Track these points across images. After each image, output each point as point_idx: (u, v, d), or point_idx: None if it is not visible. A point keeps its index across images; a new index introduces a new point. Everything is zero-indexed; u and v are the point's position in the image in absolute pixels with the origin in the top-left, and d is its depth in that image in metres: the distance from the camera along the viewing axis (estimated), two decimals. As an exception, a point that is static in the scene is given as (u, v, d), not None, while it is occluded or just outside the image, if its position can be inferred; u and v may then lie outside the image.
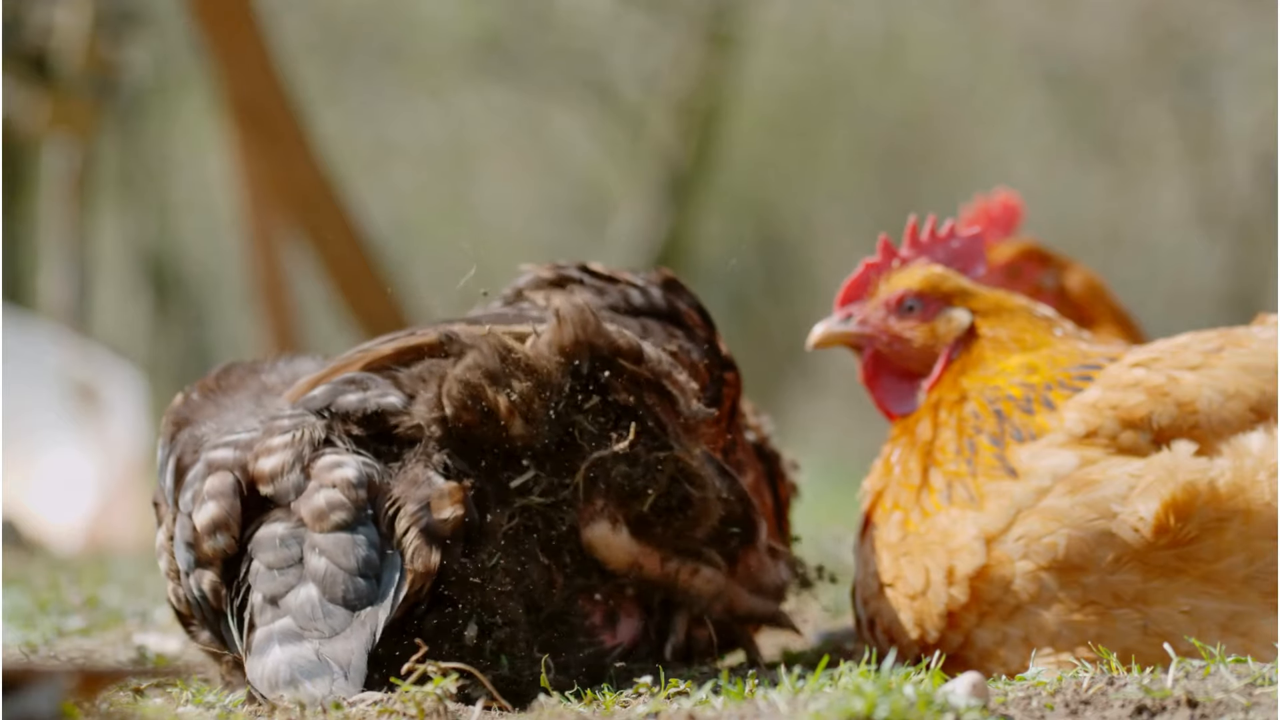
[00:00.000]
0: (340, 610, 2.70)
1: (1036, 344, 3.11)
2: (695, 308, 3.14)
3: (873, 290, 3.21)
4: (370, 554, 2.74)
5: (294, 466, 2.81)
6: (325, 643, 2.68)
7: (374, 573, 2.73)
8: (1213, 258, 14.79)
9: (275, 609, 2.73)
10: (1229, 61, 13.96)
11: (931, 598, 2.95)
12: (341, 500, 2.77)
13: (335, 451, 2.83)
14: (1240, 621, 2.83)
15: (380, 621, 2.68)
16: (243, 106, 7.03)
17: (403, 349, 2.94)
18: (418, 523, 2.77)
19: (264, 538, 2.79)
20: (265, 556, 2.77)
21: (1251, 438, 2.88)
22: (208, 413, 3.03)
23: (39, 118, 8.62)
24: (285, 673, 2.66)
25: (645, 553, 2.91)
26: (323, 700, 2.61)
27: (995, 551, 2.92)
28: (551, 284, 3.14)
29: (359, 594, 2.71)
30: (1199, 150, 14.59)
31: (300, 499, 2.80)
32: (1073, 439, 2.93)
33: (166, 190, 16.39)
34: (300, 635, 2.69)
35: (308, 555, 2.75)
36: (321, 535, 2.76)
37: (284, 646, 2.69)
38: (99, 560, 6.30)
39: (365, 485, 2.79)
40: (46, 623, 4.03)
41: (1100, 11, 14.33)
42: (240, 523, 2.82)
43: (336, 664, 2.66)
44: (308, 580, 2.73)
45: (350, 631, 2.69)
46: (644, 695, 2.68)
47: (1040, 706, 2.52)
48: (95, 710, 2.18)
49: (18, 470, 7.94)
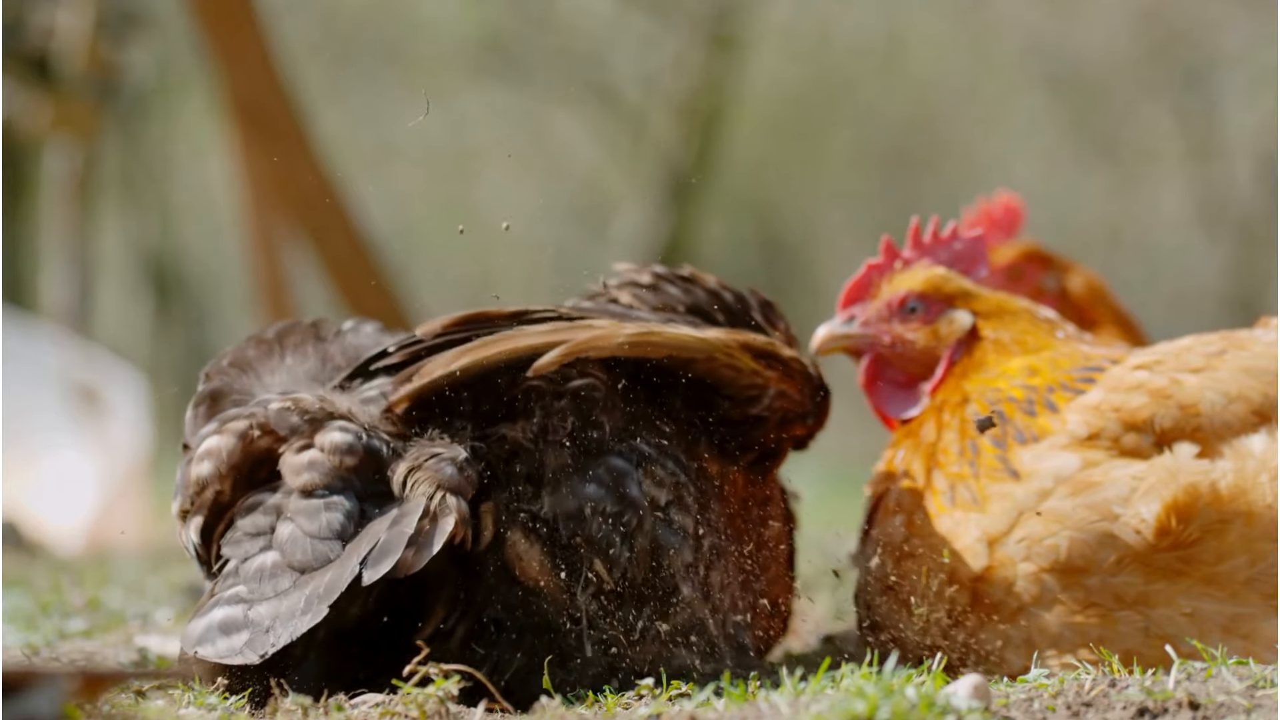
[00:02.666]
0: (289, 574, 2.67)
1: (1038, 346, 3.11)
2: (788, 331, 3.15)
3: (875, 292, 3.21)
4: (339, 519, 2.70)
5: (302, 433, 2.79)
6: (263, 604, 2.64)
7: (341, 538, 2.68)
8: (1214, 259, 14.79)
9: (235, 576, 2.71)
10: (1230, 63, 13.96)
11: (934, 600, 2.95)
12: (321, 461, 2.74)
13: (347, 428, 2.79)
14: (1242, 624, 2.82)
15: (327, 584, 2.62)
16: (244, 107, 7.03)
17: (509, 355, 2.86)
18: (438, 474, 2.73)
19: (251, 504, 2.78)
20: (242, 521, 2.76)
21: (1253, 440, 2.88)
22: (258, 369, 3.01)
23: (40, 119, 8.62)
24: (200, 630, 2.65)
25: (552, 578, 2.80)
26: (240, 648, 2.60)
27: (998, 553, 2.92)
28: (642, 286, 3.13)
29: (317, 557, 2.67)
30: (1200, 152, 14.59)
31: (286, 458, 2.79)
32: (1075, 441, 2.93)
33: (168, 191, 16.40)
34: (243, 600, 2.66)
35: (279, 523, 2.73)
36: (296, 499, 2.73)
37: (223, 608, 2.66)
38: (100, 562, 6.30)
39: (355, 454, 2.75)
40: (48, 624, 4.03)
41: (1101, 13, 14.33)
42: (235, 481, 2.80)
43: (260, 624, 2.62)
44: (272, 548, 2.71)
45: (289, 592, 2.65)
46: (645, 697, 2.67)
47: (1042, 708, 2.52)
48: (97, 712, 2.18)
49: (19, 472, 7.94)
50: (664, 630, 2.81)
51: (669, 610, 2.81)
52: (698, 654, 2.83)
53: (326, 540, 2.69)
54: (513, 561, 2.77)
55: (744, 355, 2.92)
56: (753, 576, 3.00)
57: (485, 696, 2.68)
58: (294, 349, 3.05)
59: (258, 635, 2.62)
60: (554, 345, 2.80)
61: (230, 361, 3.04)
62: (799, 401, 3.01)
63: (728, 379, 2.92)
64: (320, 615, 2.61)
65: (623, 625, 2.79)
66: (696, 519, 2.87)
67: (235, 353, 3.06)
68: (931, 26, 15.39)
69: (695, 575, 2.85)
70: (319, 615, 2.61)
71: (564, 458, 2.81)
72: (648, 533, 2.80)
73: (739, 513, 3.01)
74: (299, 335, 3.07)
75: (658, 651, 2.81)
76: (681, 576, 2.83)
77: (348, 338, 3.07)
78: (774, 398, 2.97)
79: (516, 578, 2.77)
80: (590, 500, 2.79)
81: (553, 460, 2.81)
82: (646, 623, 2.80)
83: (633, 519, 2.79)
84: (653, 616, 2.80)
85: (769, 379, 2.95)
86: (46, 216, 9.90)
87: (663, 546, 2.81)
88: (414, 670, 2.62)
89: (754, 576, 3.01)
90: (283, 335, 3.07)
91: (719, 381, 2.93)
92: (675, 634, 2.82)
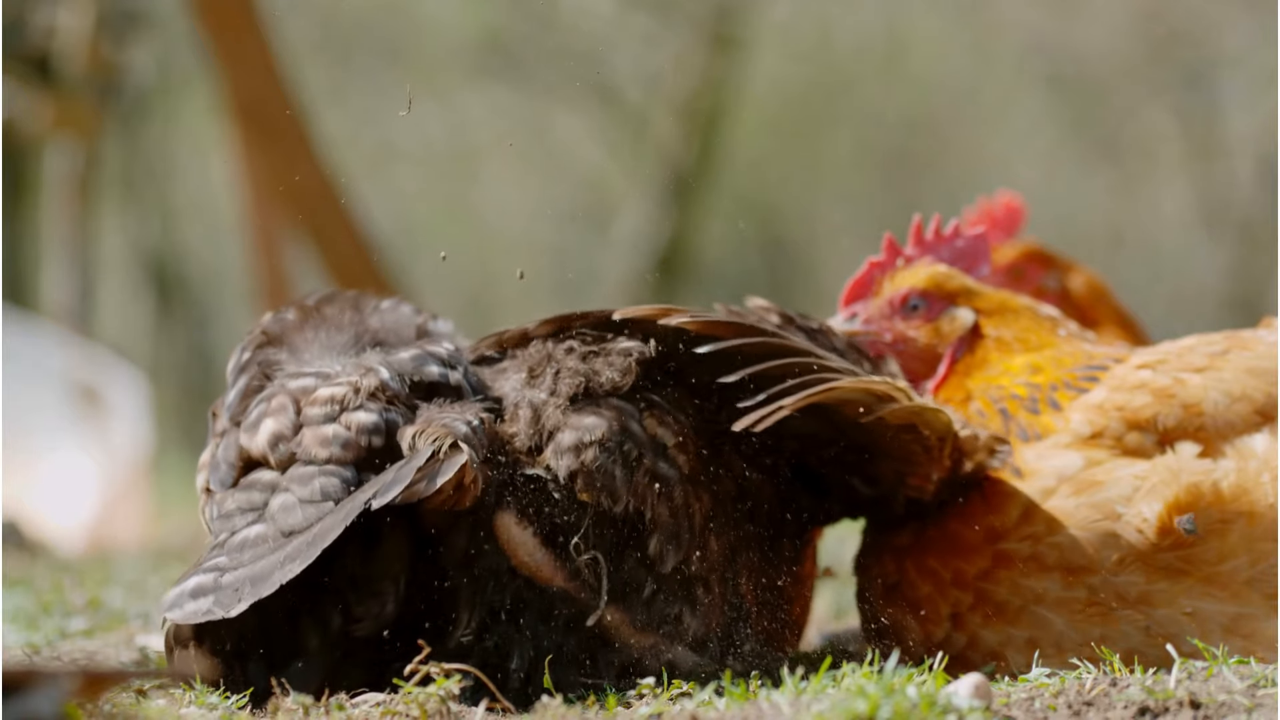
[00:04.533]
0: (275, 540, 2.65)
1: (1040, 344, 3.11)
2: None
3: (877, 289, 3.21)
4: (336, 484, 2.69)
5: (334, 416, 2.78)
6: (239, 570, 2.62)
7: (332, 498, 2.67)
8: (1215, 260, 14.77)
9: (220, 549, 2.70)
10: (1232, 63, 13.96)
11: (938, 599, 2.95)
12: (342, 435, 2.74)
13: (372, 408, 2.78)
14: (1243, 623, 2.82)
15: (318, 532, 2.59)
16: (245, 107, 7.03)
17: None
18: (448, 428, 2.71)
19: (249, 480, 2.77)
20: (238, 496, 2.76)
21: (1256, 439, 2.88)
22: (297, 338, 3.01)
23: (42, 119, 8.63)
24: (173, 596, 2.64)
25: (549, 564, 2.80)
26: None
27: (1002, 551, 2.91)
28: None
29: (307, 519, 2.66)
30: (1202, 152, 14.58)
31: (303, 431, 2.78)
32: (1078, 440, 2.93)
33: (169, 191, 16.39)
34: (220, 568, 2.64)
35: (274, 496, 2.72)
36: (293, 470, 2.73)
37: (198, 576, 2.65)
38: (102, 561, 6.30)
39: (380, 433, 2.74)
40: (49, 624, 4.03)
41: (1103, 13, 14.33)
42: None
43: (230, 587, 2.60)
44: (261, 521, 2.70)
45: (266, 554, 2.63)
46: (647, 696, 2.67)
47: (1043, 708, 2.52)
48: (98, 712, 2.18)
49: (20, 472, 7.94)
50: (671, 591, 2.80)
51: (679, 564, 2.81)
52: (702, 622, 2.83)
53: (318, 503, 2.67)
54: (507, 549, 2.76)
55: (948, 444, 2.88)
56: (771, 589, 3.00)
57: (486, 695, 2.68)
58: (332, 320, 3.04)
59: (225, 595, 2.59)
60: (887, 397, 2.77)
61: (264, 332, 3.04)
62: (935, 492, 2.96)
63: (914, 454, 2.89)
64: (306, 562, 2.56)
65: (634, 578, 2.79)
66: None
67: (271, 323, 3.06)
68: (932, 26, 15.38)
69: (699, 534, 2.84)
70: (306, 561, 2.56)
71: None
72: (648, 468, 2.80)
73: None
74: (339, 306, 3.08)
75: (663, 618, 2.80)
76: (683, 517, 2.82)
77: (385, 315, 3.07)
78: (929, 480, 2.93)
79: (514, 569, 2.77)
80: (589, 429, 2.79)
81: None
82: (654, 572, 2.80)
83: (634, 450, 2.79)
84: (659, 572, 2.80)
85: (944, 468, 2.92)
86: (47, 216, 9.91)
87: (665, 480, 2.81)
88: (415, 669, 2.62)
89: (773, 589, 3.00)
90: (323, 304, 3.08)
91: (903, 454, 2.89)
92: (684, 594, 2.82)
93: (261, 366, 2.96)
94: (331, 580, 2.70)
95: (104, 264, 14.46)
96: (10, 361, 8.12)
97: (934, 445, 2.87)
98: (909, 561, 2.99)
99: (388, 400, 2.80)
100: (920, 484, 2.93)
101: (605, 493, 2.76)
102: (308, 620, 2.73)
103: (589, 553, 2.77)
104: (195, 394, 15.62)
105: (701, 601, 2.85)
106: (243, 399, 2.91)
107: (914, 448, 2.87)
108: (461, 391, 2.86)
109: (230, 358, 3.04)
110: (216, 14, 6.92)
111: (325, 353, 2.97)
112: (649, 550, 2.80)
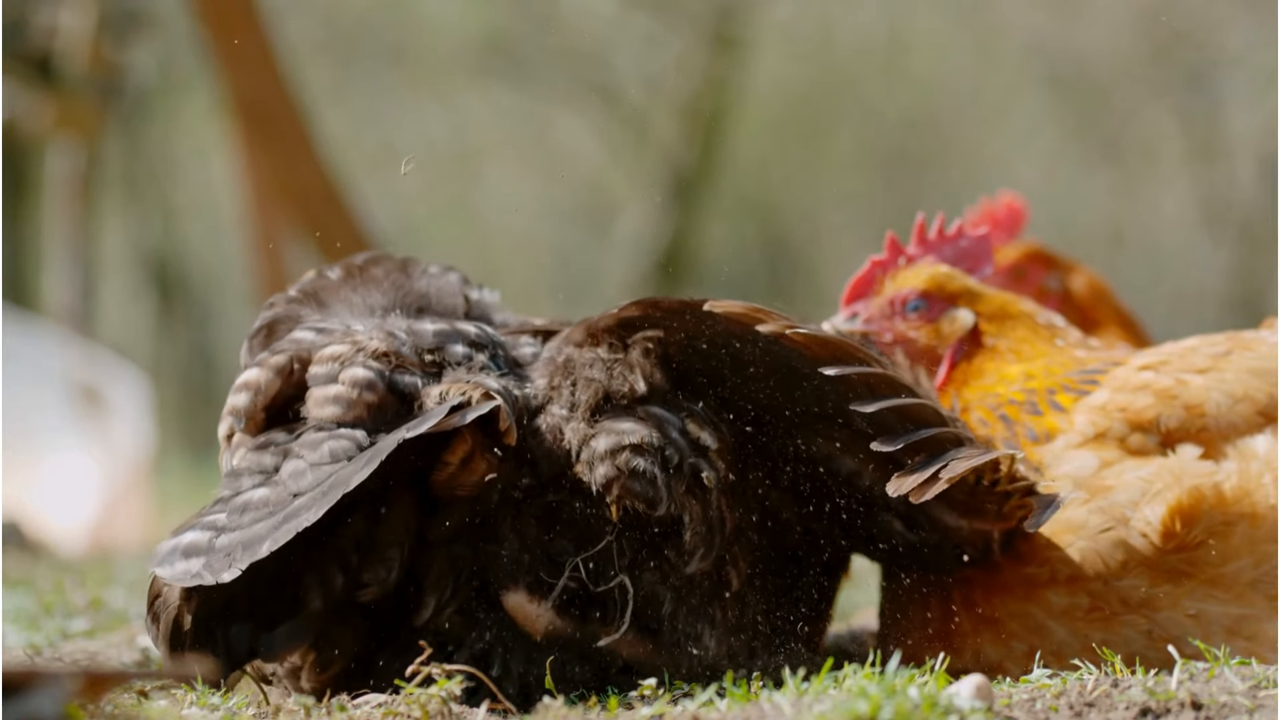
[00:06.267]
0: (279, 503, 2.61)
1: (1034, 355, 3.10)
2: None
3: (879, 288, 3.21)
4: (343, 445, 2.67)
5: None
6: (235, 533, 2.59)
7: (341, 459, 2.64)
8: (1217, 260, 14.77)
9: (222, 504, 2.68)
10: (1233, 64, 13.96)
11: (969, 631, 2.93)
12: (344, 395, 2.72)
13: (370, 365, 2.75)
14: (1246, 625, 2.82)
15: (319, 499, 2.55)
16: (247, 107, 7.03)
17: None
18: (480, 384, 2.69)
19: (263, 441, 2.75)
20: (250, 456, 2.74)
21: (1258, 440, 2.87)
22: (334, 297, 2.99)
23: (43, 119, 8.63)
24: (165, 550, 2.60)
25: (571, 625, 2.76)
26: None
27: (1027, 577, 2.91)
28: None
29: (316, 481, 2.62)
30: (1203, 153, 14.58)
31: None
32: (1085, 440, 2.92)
33: (170, 191, 16.40)
34: (217, 528, 2.61)
35: (285, 461, 2.69)
36: (305, 435, 2.70)
37: (193, 533, 2.61)
38: (103, 562, 6.30)
39: (375, 390, 2.71)
40: (51, 625, 4.03)
41: (1104, 14, 14.32)
42: (271, 414, 2.78)
43: (223, 550, 2.56)
44: (266, 485, 2.67)
45: (265, 518, 2.60)
46: (648, 697, 2.67)
47: (1044, 709, 2.51)
48: (99, 712, 2.18)
49: (22, 472, 7.94)
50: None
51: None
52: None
53: (326, 465, 2.64)
54: (524, 626, 2.74)
55: (1013, 504, 2.83)
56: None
57: (488, 696, 2.68)
58: (375, 282, 3.01)
59: (216, 558, 2.56)
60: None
61: (300, 289, 3.02)
62: (981, 545, 2.91)
63: (974, 506, 2.83)
64: (321, 510, 2.52)
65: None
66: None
67: (311, 280, 3.04)
68: (934, 27, 15.38)
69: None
70: (314, 517, 2.53)
71: None
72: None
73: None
74: (385, 268, 3.04)
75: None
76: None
77: (432, 280, 3.04)
78: (981, 535, 2.88)
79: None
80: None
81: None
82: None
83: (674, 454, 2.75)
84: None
85: (990, 532, 2.87)
86: (49, 216, 9.91)
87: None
88: (417, 670, 2.62)
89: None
90: (370, 264, 3.05)
91: (962, 504, 2.84)
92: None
93: (280, 320, 2.94)
94: (339, 542, 2.67)
95: (105, 264, 14.47)
96: (11, 362, 8.12)
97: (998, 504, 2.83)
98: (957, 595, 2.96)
99: (397, 364, 2.76)
100: (979, 539, 2.87)
101: (644, 499, 2.72)
102: (311, 579, 2.68)
103: (617, 578, 2.75)
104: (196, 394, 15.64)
105: (719, 622, 2.83)
106: (251, 352, 2.90)
107: (989, 506, 2.82)
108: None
109: (260, 311, 3.02)
110: (218, 14, 6.92)
111: (357, 313, 2.94)
112: (680, 552, 2.76)
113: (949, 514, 2.83)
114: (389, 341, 2.78)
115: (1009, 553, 2.89)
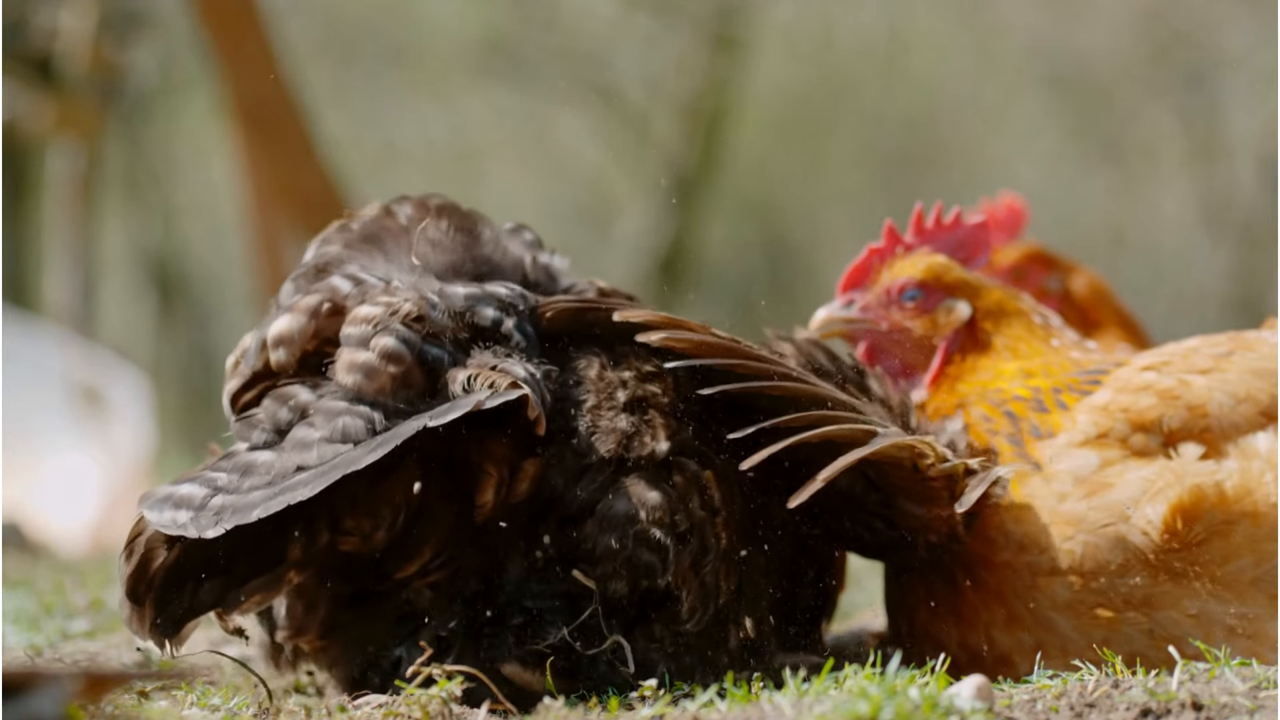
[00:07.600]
0: (280, 475, 2.60)
1: (1030, 353, 3.10)
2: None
3: (875, 277, 3.20)
4: (357, 425, 2.65)
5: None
6: (235, 495, 2.58)
7: (351, 440, 2.63)
8: (1217, 261, 14.77)
9: (229, 460, 2.67)
10: (1233, 64, 13.95)
11: (979, 609, 2.94)
12: (371, 365, 2.69)
13: (404, 334, 2.72)
14: (1247, 624, 2.82)
15: (318, 476, 2.54)
16: (247, 108, 7.03)
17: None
18: (508, 371, 2.67)
19: (284, 393, 2.74)
20: (268, 405, 2.72)
21: (1259, 439, 2.88)
22: (391, 245, 2.96)
23: (44, 120, 8.63)
24: (161, 494, 2.60)
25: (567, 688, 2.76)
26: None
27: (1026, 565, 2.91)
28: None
29: (320, 458, 2.61)
30: (1203, 153, 14.58)
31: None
32: (1086, 440, 2.92)
33: (171, 192, 16.39)
34: (218, 487, 2.60)
35: (299, 425, 2.68)
36: (324, 401, 2.68)
37: (191, 485, 2.61)
38: (104, 563, 6.29)
39: (402, 362, 2.69)
40: (51, 625, 4.03)
41: (1105, 14, 14.32)
42: (302, 352, 2.77)
43: (212, 510, 2.55)
44: (273, 448, 2.66)
45: (260, 483, 2.59)
46: (649, 698, 2.67)
47: (1045, 709, 2.51)
48: (100, 713, 2.18)
49: (22, 473, 7.94)
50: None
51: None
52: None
53: (336, 443, 2.63)
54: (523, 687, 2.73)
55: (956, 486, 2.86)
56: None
57: (488, 697, 2.68)
58: (444, 235, 2.98)
59: (205, 517, 2.55)
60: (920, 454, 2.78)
61: (361, 231, 2.99)
62: (945, 531, 2.93)
63: (928, 493, 2.86)
64: (309, 494, 2.51)
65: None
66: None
67: (373, 221, 3.01)
68: (934, 27, 15.38)
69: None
70: (309, 493, 2.51)
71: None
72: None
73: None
74: (458, 219, 3.02)
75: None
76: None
77: (501, 240, 3.02)
78: (939, 520, 2.90)
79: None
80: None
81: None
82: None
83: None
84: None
85: (952, 517, 2.89)
86: (49, 217, 9.90)
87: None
88: (417, 671, 2.62)
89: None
90: (443, 212, 3.02)
91: (917, 494, 2.87)
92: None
93: (332, 263, 2.92)
94: (332, 501, 2.65)
95: (105, 265, 14.46)
96: (11, 362, 8.12)
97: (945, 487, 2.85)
98: (931, 567, 2.97)
99: (427, 333, 2.73)
100: (941, 525, 2.89)
101: (646, 574, 2.73)
102: (297, 530, 2.66)
103: (612, 638, 2.74)
104: (197, 395, 15.62)
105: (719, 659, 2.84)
106: (298, 290, 2.89)
107: (941, 493, 2.85)
108: (512, 341, 2.79)
109: (313, 241, 2.99)
110: (218, 15, 6.92)
111: (401, 268, 2.91)
112: (678, 614, 2.77)
113: (909, 504, 2.86)
114: (421, 305, 2.75)
115: (1008, 539, 2.90)
